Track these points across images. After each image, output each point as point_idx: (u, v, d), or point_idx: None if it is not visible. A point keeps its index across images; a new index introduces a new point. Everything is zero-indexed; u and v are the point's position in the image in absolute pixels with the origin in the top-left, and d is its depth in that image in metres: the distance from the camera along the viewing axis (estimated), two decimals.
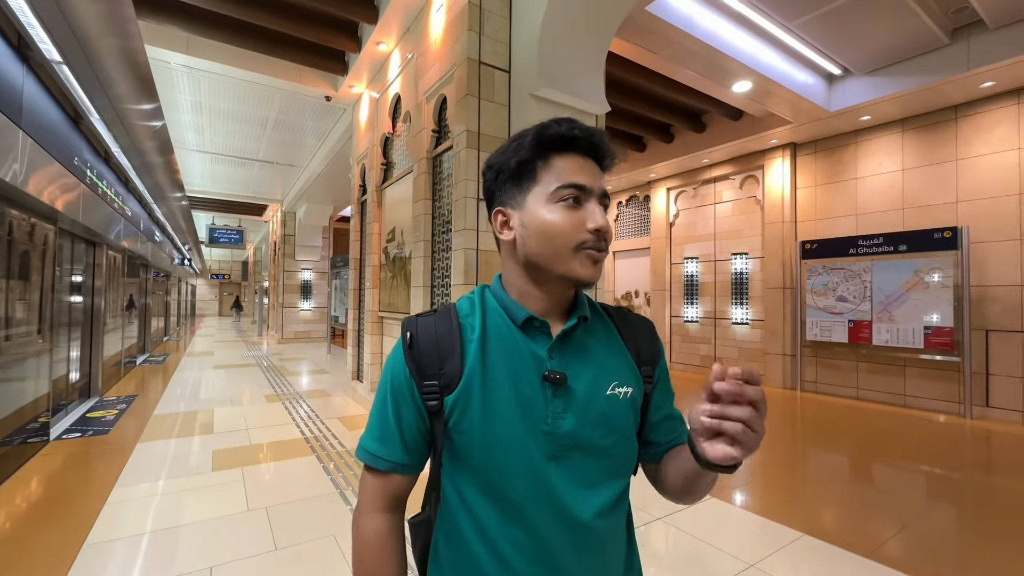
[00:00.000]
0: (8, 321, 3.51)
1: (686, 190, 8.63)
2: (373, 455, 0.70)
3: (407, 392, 0.69)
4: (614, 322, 0.78)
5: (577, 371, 0.69)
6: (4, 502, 2.81)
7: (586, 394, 0.68)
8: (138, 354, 8.97)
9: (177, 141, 8.25)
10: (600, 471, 0.69)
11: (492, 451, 0.65)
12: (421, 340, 0.69)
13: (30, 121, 2.97)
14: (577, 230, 0.66)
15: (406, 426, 0.69)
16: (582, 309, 0.73)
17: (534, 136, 0.68)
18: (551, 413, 0.66)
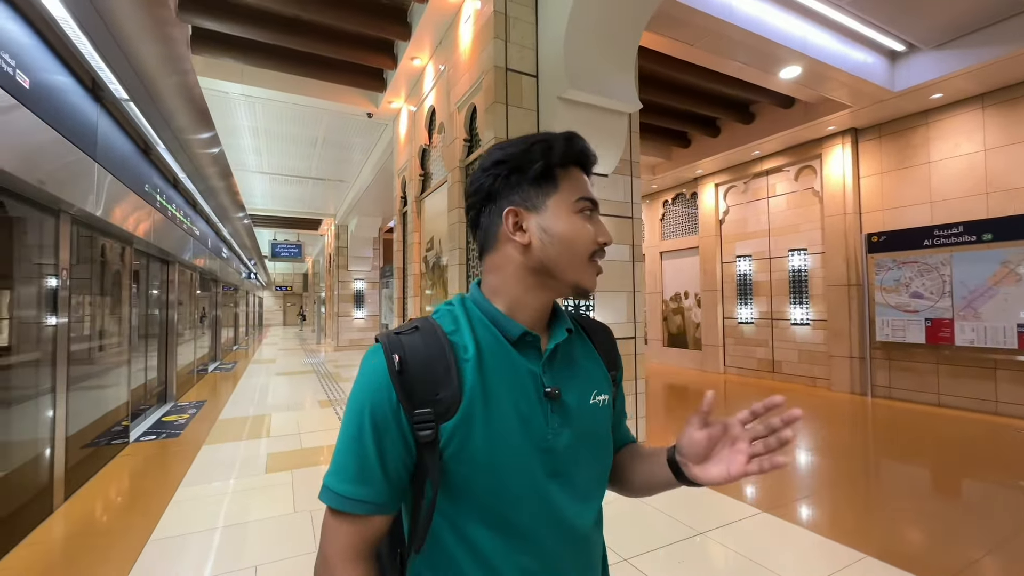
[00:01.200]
0: (97, 335, 3.91)
1: (736, 185, 8.22)
2: (350, 499, 0.60)
3: (392, 422, 0.60)
4: (585, 330, 0.79)
5: (567, 385, 0.69)
6: (88, 497, 3.12)
7: (576, 406, 0.69)
8: (209, 362, 9.70)
9: (240, 164, 8.91)
10: (592, 481, 0.71)
11: (498, 478, 0.62)
12: (411, 364, 0.62)
13: (104, 154, 3.30)
14: (591, 241, 0.68)
15: (390, 461, 0.61)
16: (565, 322, 0.73)
17: (565, 145, 0.68)
18: (551, 430, 0.66)
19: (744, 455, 0.63)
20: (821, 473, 3.58)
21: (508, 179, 0.68)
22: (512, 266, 0.69)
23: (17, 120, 2.29)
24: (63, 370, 3.05)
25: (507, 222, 0.68)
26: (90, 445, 3.55)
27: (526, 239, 0.67)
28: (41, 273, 2.93)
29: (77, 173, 2.94)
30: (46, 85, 2.55)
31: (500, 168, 0.68)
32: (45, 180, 2.53)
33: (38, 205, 2.82)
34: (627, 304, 3.87)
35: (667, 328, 9.74)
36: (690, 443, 0.66)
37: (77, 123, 2.92)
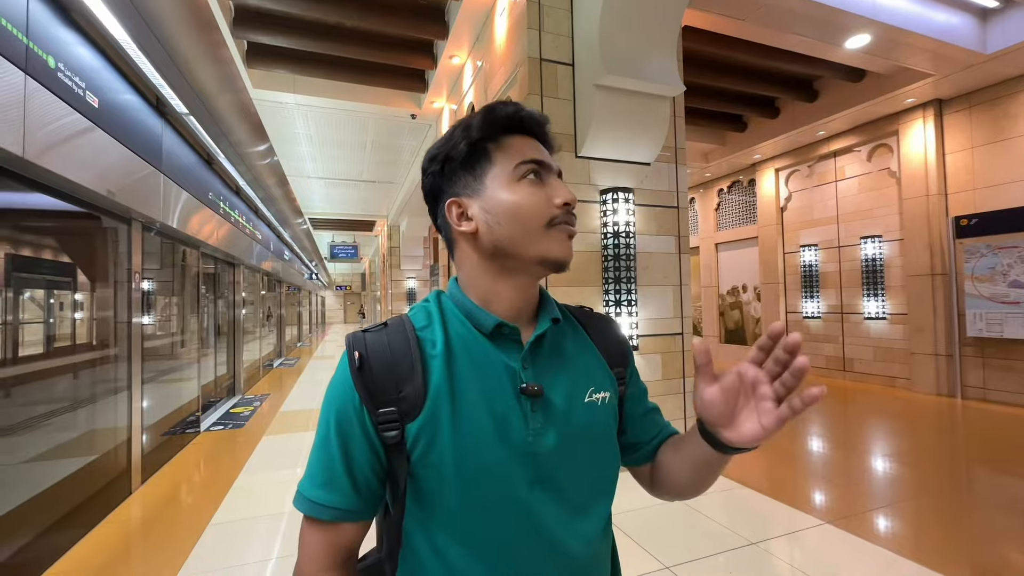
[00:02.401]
0: (177, 332, 4.27)
1: (799, 169, 7.63)
2: (316, 504, 0.57)
3: (356, 424, 0.58)
4: (579, 322, 0.73)
5: (552, 381, 0.62)
6: (162, 481, 3.40)
7: (564, 405, 0.62)
8: (275, 358, 10.36)
9: (297, 171, 9.41)
10: (588, 491, 0.63)
11: (469, 485, 0.56)
12: (373, 360, 0.59)
13: (169, 165, 3.57)
14: (546, 205, 0.61)
15: (357, 465, 0.58)
16: (551, 311, 0.67)
17: (482, 117, 0.63)
18: (531, 431, 0.59)
19: (770, 400, 0.53)
20: (900, 483, 3.23)
21: (443, 173, 0.66)
22: (471, 259, 0.65)
23: (90, 139, 2.51)
24: (138, 366, 3.34)
25: (451, 215, 0.65)
26: (166, 434, 3.88)
27: (472, 226, 0.63)
28: (119, 277, 3.23)
29: (145, 184, 3.20)
30: (114, 104, 2.78)
31: (433, 165, 0.66)
32: (115, 191, 2.77)
33: (113, 215, 3.10)
34: (673, 298, 3.68)
35: (724, 323, 9.25)
36: (707, 406, 0.57)
37: (143, 137, 3.17)
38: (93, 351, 3.03)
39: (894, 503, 2.92)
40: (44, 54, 2.13)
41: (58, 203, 2.54)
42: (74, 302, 2.92)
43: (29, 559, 2.21)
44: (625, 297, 3.36)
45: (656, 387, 3.58)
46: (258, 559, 2.38)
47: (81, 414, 2.84)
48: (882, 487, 3.21)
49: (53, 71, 2.19)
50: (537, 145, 0.65)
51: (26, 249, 2.49)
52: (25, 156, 1.99)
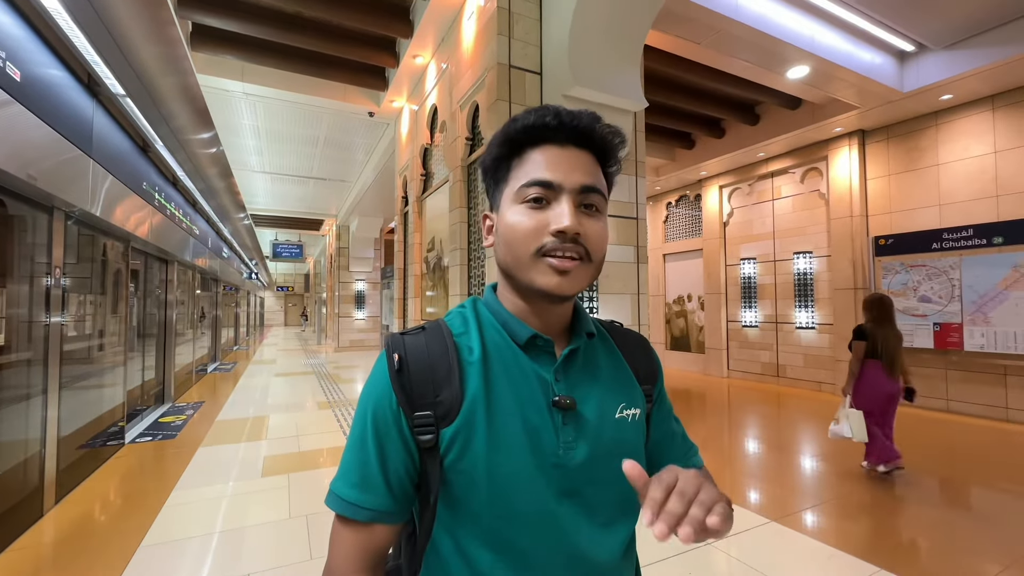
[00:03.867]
0: (93, 334, 3.85)
1: (740, 187, 8.14)
2: (351, 504, 0.57)
3: (392, 425, 0.57)
4: (612, 339, 0.72)
5: (584, 394, 0.62)
6: (80, 500, 3.05)
7: (596, 420, 0.61)
8: (209, 362, 9.65)
9: (241, 164, 8.86)
10: (615, 506, 0.62)
11: (498, 492, 0.56)
12: (412, 363, 0.59)
13: (100, 151, 3.25)
14: (538, 233, 0.57)
15: (392, 466, 0.57)
16: (586, 325, 0.66)
17: (502, 130, 0.62)
18: (562, 443, 0.58)
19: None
20: (828, 481, 3.49)
21: (486, 184, 0.67)
22: (499, 272, 0.66)
23: (7, 114, 2.23)
24: (55, 370, 2.99)
25: (484, 226, 0.67)
26: (84, 447, 3.49)
27: (491, 242, 0.64)
28: (35, 271, 2.88)
29: (71, 169, 2.88)
30: (39, 78, 2.49)
31: (485, 177, 0.67)
32: (37, 176, 2.47)
33: (31, 202, 2.76)
34: (632, 306, 3.79)
35: (670, 331, 9.66)
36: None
37: (72, 118, 2.86)
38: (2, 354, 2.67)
39: (827, 499, 3.15)
40: None
41: None
42: None
43: None
44: (587, 305, 3.42)
45: None
46: None
47: None
48: (814, 485, 3.45)
49: None
50: (565, 157, 0.58)
51: None
52: None
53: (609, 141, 0.61)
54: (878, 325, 3.55)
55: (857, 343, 3.54)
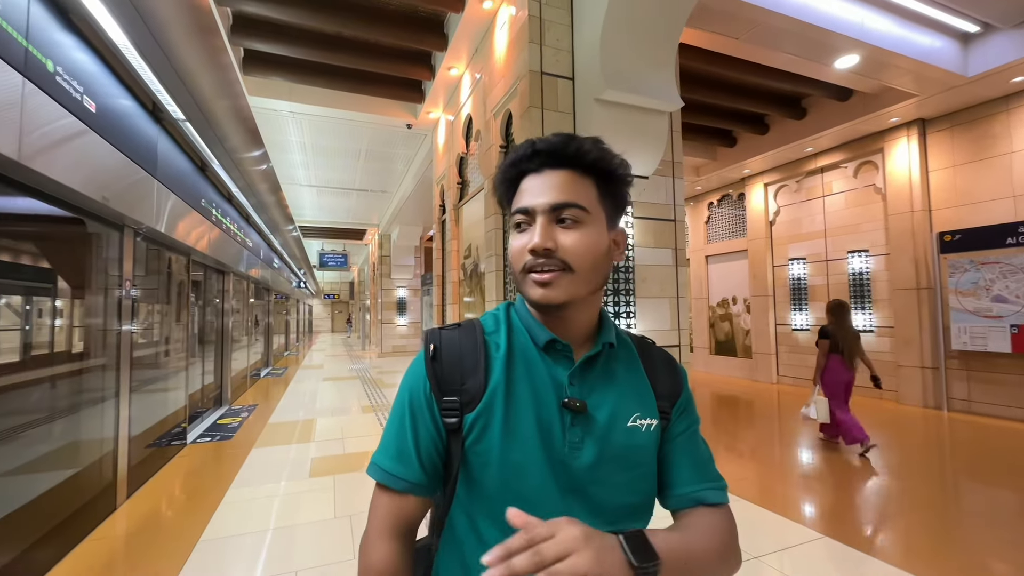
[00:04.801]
0: (159, 342, 4.17)
1: (787, 184, 7.79)
2: (389, 474, 0.64)
3: (425, 407, 0.65)
4: (638, 351, 0.74)
5: (599, 400, 0.66)
6: (148, 496, 3.29)
7: (606, 425, 0.65)
8: (262, 367, 10.17)
9: (289, 178, 9.33)
10: (622, 510, 0.65)
11: (509, 477, 0.61)
12: (444, 353, 0.67)
13: (164, 172, 3.52)
14: (521, 254, 0.64)
15: (423, 444, 0.65)
16: (607, 335, 0.69)
17: (498, 170, 0.70)
18: (568, 443, 0.63)
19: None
20: (891, 495, 3.26)
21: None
22: None
23: (84, 142, 2.46)
24: (126, 374, 3.25)
25: None
26: (151, 446, 3.76)
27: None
28: (108, 284, 3.15)
29: (139, 190, 3.14)
30: (111, 108, 2.74)
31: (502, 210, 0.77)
32: (110, 197, 2.71)
33: (105, 221, 3.03)
34: (670, 310, 3.71)
35: (714, 335, 9.33)
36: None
37: (139, 143, 3.12)
38: (82, 360, 2.93)
39: (889, 516, 2.94)
40: (43, 58, 2.09)
41: (49, 208, 2.48)
42: (62, 309, 2.84)
43: (16, 571, 2.12)
44: (624, 309, 3.37)
45: None
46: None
47: (67, 424, 2.75)
48: (875, 500, 3.23)
49: (52, 75, 2.14)
50: (543, 181, 0.64)
51: (25, 257, 2.41)
52: (20, 160, 1.94)
53: (585, 153, 0.64)
54: (839, 326, 4.34)
55: (822, 341, 4.34)
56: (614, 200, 0.67)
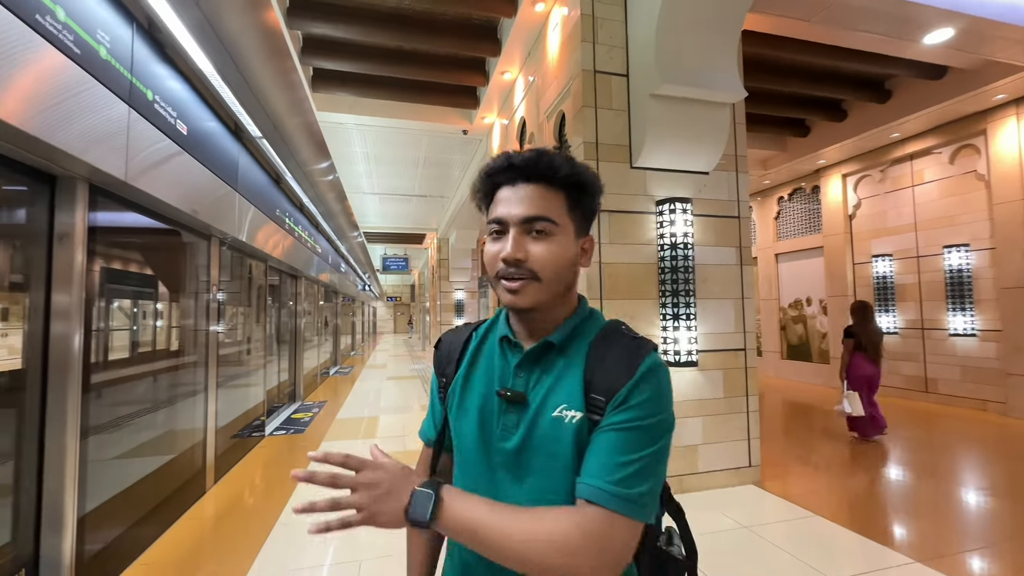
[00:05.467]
0: (242, 341, 4.55)
1: (869, 174, 7.14)
2: (424, 435, 0.89)
3: (434, 385, 0.87)
4: (592, 345, 0.73)
5: (535, 392, 0.71)
6: (232, 482, 3.60)
7: (535, 413, 0.70)
8: (331, 366, 10.79)
9: (355, 187, 9.85)
10: (538, 495, 0.68)
11: (459, 448, 0.78)
12: (442, 346, 0.87)
13: (244, 185, 3.84)
14: (495, 261, 0.71)
15: (435, 411, 0.86)
16: (557, 335, 0.73)
17: (477, 178, 0.76)
18: (501, 426, 0.72)
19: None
20: (999, 520, 2.89)
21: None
22: None
23: (178, 162, 2.74)
24: (213, 371, 3.57)
25: None
26: (235, 437, 4.11)
27: None
28: (198, 288, 3.48)
29: (224, 203, 3.45)
30: (199, 130, 3.03)
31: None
32: (199, 210, 3.00)
33: (196, 231, 3.36)
34: (734, 312, 3.51)
35: (785, 338, 8.73)
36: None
37: (223, 160, 3.43)
38: (177, 357, 3.27)
39: (995, 542, 2.61)
40: (144, 88, 2.36)
41: (148, 221, 2.79)
42: (161, 311, 3.18)
43: (122, 548, 2.39)
44: (683, 311, 3.24)
45: (717, 405, 3.41)
46: (316, 564, 2.46)
47: (166, 415, 3.07)
48: (979, 524, 2.88)
49: (151, 103, 2.41)
50: (516, 193, 0.70)
51: (122, 264, 2.73)
52: (127, 180, 2.20)
53: (556, 168, 0.69)
54: (862, 327, 4.75)
55: (847, 340, 4.75)
56: (583, 211, 0.73)
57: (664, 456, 0.64)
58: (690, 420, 3.35)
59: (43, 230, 2.02)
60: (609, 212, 3.28)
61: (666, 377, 0.68)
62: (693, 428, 3.35)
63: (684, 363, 3.23)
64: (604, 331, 0.73)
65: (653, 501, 0.62)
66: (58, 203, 2.05)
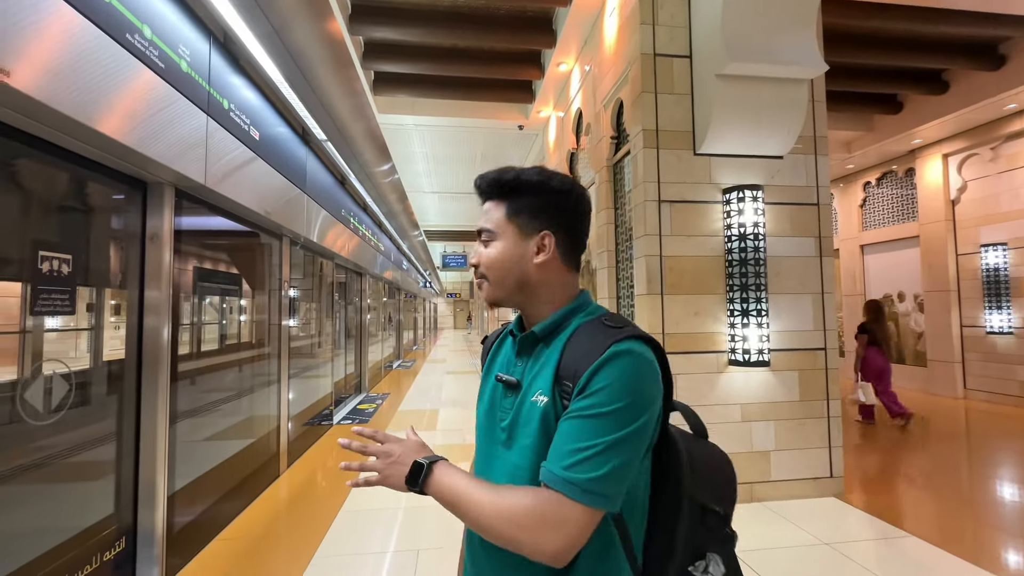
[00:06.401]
0: (313, 335, 4.84)
1: (977, 153, 6.30)
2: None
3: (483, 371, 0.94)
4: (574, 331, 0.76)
5: (527, 378, 0.77)
6: (303, 468, 3.82)
7: (520, 399, 0.75)
8: (394, 360, 11.23)
9: (415, 187, 10.16)
10: (512, 472, 0.73)
11: (476, 427, 0.86)
12: (485, 342, 0.98)
13: (311, 187, 4.05)
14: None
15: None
16: (539, 326, 0.79)
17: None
18: (500, 408, 0.79)
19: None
20: None
21: None
22: None
23: (252, 168, 2.93)
24: (286, 362, 3.81)
25: None
26: (306, 425, 4.37)
27: None
28: (271, 285, 3.72)
29: (294, 205, 3.65)
30: (270, 136, 3.22)
31: None
32: (271, 212, 3.20)
33: (269, 232, 3.59)
34: (812, 308, 3.21)
35: None
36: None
37: (292, 163, 3.63)
38: (254, 348, 3.52)
39: None
40: (221, 98, 2.53)
41: (225, 222, 3.01)
42: (236, 307, 3.43)
43: (206, 524, 2.61)
44: (753, 307, 3.01)
45: (794, 409, 3.15)
46: (379, 550, 2.54)
47: (246, 402, 3.31)
48: None
49: (227, 111, 2.59)
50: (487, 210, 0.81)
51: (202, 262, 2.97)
52: (206, 184, 2.37)
53: (495, 183, 0.79)
54: (877, 323, 5.30)
55: (860, 336, 5.26)
56: (529, 212, 0.78)
57: (633, 443, 0.63)
58: (760, 424, 3.11)
59: (137, 232, 2.22)
60: (670, 203, 3.12)
61: (634, 363, 0.65)
62: (764, 433, 3.11)
63: (754, 363, 3.00)
64: (588, 321, 0.75)
65: (610, 488, 0.62)
66: (149, 207, 2.25)
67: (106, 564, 1.98)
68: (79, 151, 1.83)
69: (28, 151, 1.68)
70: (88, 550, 1.90)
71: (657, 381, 0.67)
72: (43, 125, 1.61)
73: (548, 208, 0.78)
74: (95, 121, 1.66)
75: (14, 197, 1.74)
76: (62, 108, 1.52)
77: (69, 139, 1.73)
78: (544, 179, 0.78)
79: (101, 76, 1.68)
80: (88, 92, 1.62)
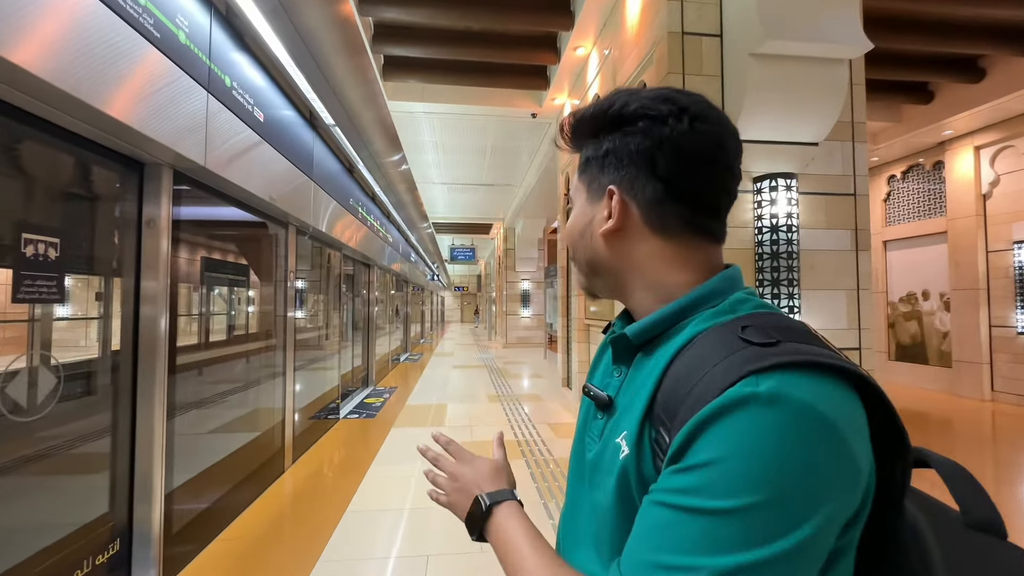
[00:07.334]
0: (319, 327, 4.71)
1: (1012, 145, 6.01)
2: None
3: None
4: (678, 350, 0.46)
5: (623, 397, 0.52)
6: (308, 463, 3.71)
7: (610, 431, 0.51)
8: (401, 353, 11.14)
9: (424, 177, 9.99)
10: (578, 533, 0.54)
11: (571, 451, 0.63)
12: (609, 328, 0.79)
13: (318, 174, 3.91)
14: None
15: None
16: (633, 327, 0.52)
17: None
18: (589, 435, 0.56)
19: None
20: None
21: None
22: None
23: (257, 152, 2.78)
24: (291, 354, 3.68)
25: None
26: (312, 419, 4.25)
27: None
28: (277, 276, 3.59)
29: (301, 193, 3.51)
30: (276, 118, 3.08)
31: None
32: (277, 198, 3.06)
33: (276, 220, 3.45)
34: (847, 306, 3.03)
35: (895, 337, 7.69)
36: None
37: (298, 148, 3.48)
38: (255, 340, 3.39)
39: None
40: (223, 75, 2.38)
41: (227, 208, 2.87)
42: (240, 297, 3.30)
43: (206, 523, 2.49)
44: (785, 303, 2.83)
45: None
46: (384, 555, 2.41)
47: (250, 395, 3.19)
48: None
49: (229, 89, 2.44)
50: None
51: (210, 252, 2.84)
52: (207, 166, 2.23)
53: (573, 129, 0.58)
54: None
55: None
56: (598, 162, 0.54)
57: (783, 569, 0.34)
58: None
59: (133, 217, 2.09)
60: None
61: (783, 423, 0.35)
62: None
63: None
64: (714, 327, 0.45)
65: None
66: (146, 190, 2.12)
67: (99, 568, 1.86)
68: (66, 124, 1.69)
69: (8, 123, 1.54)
70: (79, 552, 1.79)
71: (841, 454, 0.37)
72: (20, 92, 1.46)
73: (619, 150, 0.51)
74: (81, 92, 1.51)
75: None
76: (44, 75, 1.38)
77: (50, 109, 1.59)
78: (620, 104, 0.51)
79: (89, 43, 1.54)
80: (74, 60, 1.48)
